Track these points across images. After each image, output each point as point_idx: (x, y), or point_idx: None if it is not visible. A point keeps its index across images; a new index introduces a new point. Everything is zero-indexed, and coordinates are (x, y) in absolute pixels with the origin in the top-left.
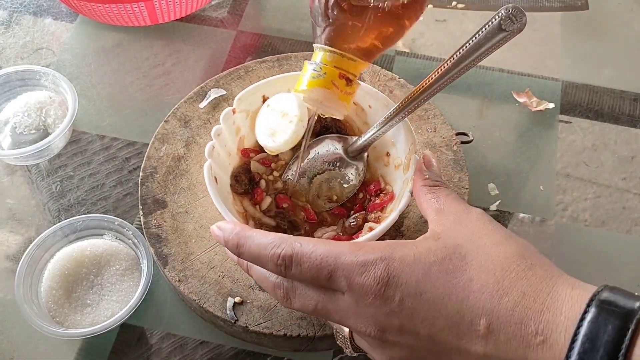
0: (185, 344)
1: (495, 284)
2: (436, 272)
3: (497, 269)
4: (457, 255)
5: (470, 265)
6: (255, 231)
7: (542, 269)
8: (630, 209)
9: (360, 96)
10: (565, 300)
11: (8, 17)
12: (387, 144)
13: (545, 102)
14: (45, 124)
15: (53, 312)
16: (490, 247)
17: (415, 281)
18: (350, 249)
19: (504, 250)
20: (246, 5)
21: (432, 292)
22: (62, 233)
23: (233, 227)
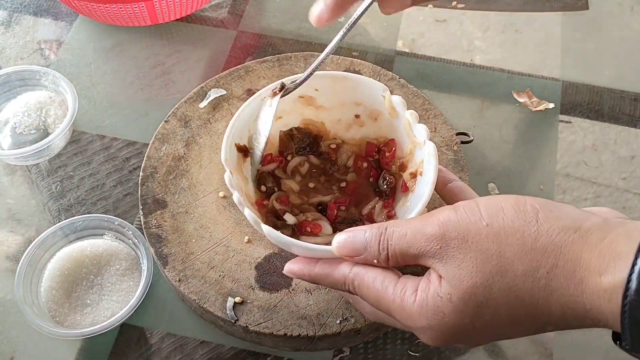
0: (185, 344)
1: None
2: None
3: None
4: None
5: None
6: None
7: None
8: (630, 209)
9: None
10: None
11: (8, 17)
12: (352, 107)
13: (545, 102)
14: (45, 124)
15: (53, 312)
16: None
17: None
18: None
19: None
20: (246, 5)
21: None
22: (62, 233)
23: (301, 269)
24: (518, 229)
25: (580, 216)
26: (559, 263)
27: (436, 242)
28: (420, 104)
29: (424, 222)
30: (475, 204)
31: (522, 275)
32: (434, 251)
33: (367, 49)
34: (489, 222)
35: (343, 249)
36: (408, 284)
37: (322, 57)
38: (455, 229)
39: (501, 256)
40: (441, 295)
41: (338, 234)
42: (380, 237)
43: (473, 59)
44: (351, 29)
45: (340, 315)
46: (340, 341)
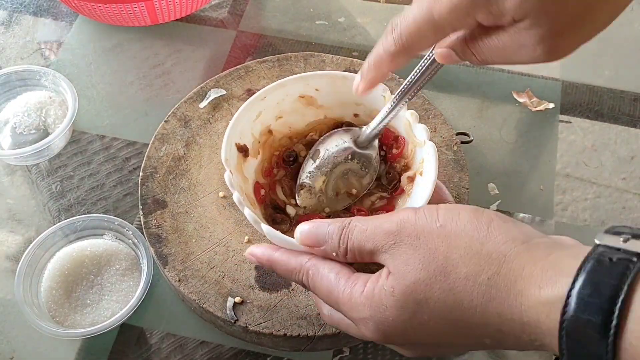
0: (185, 344)
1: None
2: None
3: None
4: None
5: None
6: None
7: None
8: (630, 209)
9: None
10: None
11: (8, 17)
12: (352, 107)
13: (545, 102)
14: (45, 124)
15: (53, 312)
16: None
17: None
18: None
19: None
20: (246, 5)
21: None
22: (62, 233)
23: (263, 253)
24: (467, 233)
25: (532, 233)
26: (501, 271)
27: (391, 237)
28: (420, 104)
29: (384, 219)
30: (436, 208)
31: (464, 279)
32: (388, 246)
33: (367, 49)
34: (442, 224)
35: (305, 238)
36: (360, 279)
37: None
38: (411, 227)
39: (447, 257)
40: (386, 288)
41: (302, 223)
42: (342, 230)
43: None
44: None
45: None
46: (340, 341)
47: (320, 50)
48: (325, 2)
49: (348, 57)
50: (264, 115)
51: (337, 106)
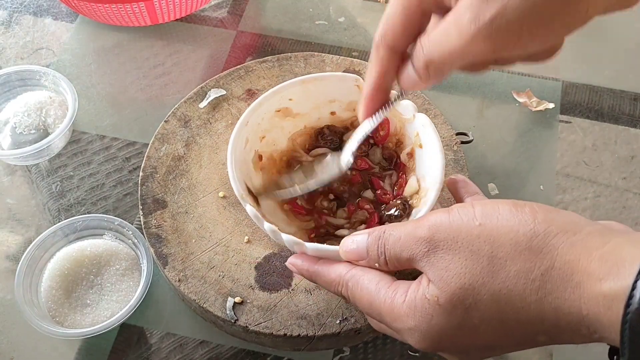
0: (185, 343)
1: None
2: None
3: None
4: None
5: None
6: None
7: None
8: (630, 209)
9: None
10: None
11: (8, 17)
12: (327, 105)
13: (545, 102)
14: (45, 124)
15: (53, 312)
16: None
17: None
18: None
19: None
20: (246, 5)
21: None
22: (62, 233)
23: (302, 264)
24: (512, 228)
25: (581, 221)
26: (555, 265)
27: (424, 244)
28: (420, 104)
29: (416, 224)
30: (471, 206)
31: (514, 277)
32: (422, 254)
33: (367, 49)
34: (482, 222)
35: (349, 254)
36: (400, 287)
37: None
38: (446, 231)
39: (493, 257)
40: (428, 297)
41: (344, 238)
42: (379, 241)
43: None
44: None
45: (340, 315)
46: (340, 341)
47: (320, 50)
48: (325, 2)
49: (348, 57)
50: (251, 142)
51: (312, 110)
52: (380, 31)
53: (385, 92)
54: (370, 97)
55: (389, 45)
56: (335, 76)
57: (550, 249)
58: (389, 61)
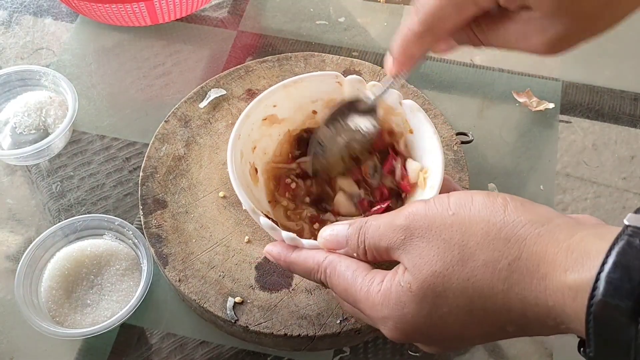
0: (185, 344)
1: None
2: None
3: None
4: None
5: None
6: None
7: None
8: (630, 209)
9: None
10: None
11: (8, 17)
12: (309, 105)
13: (545, 102)
14: (45, 124)
15: (53, 312)
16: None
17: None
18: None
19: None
20: (246, 5)
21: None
22: (62, 233)
23: (279, 252)
24: (483, 218)
25: (551, 213)
26: (522, 255)
27: (401, 232)
28: (421, 104)
29: (395, 214)
30: (447, 196)
31: (482, 266)
32: (400, 242)
33: (367, 49)
34: (455, 211)
35: (327, 242)
36: (377, 275)
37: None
38: (422, 219)
39: (464, 245)
40: (402, 284)
41: (323, 228)
42: (360, 230)
43: (473, 59)
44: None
45: (341, 315)
46: (340, 341)
47: (320, 50)
48: (325, 2)
49: (348, 57)
50: (245, 154)
51: (295, 113)
52: (428, 25)
53: (416, 58)
54: (405, 61)
55: (437, 37)
56: (315, 76)
57: (518, 239)
58: (432, 43)
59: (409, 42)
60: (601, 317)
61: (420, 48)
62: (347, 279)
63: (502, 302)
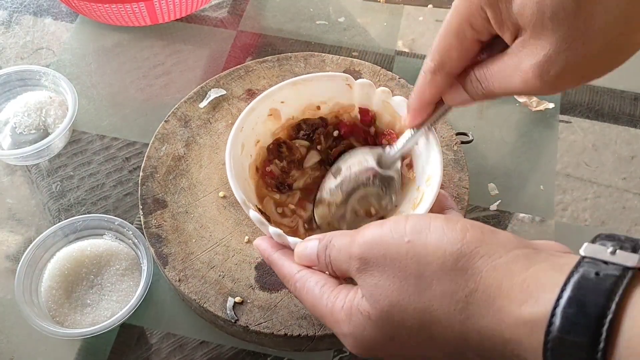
0: (185, 344)
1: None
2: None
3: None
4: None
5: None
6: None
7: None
8: (630, 209)
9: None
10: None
11: (8, 17)
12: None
13: (545, 102)
14: (45, 124)
15: (53, 312)
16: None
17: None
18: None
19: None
20: (246, 5)
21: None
22: (62, 233)
23: (265, 249)
24: (440, 247)
25: (510, 243)
26: (479, 288)
27: (356, 261)
28: None
29: (352, 240)
30: (404, 219)
31: (439, 296)
32: (355, 270)
33: (367, 49)
34: (411, 239)
35: (302, 259)
36: (342, 292)
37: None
38: (376, 247)
39: (419, 275)
40: (361, 310)
41: (299, 243)
42: (325, 250)
43: None
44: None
45: None
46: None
47: (320, 50)
48: (325, 2)
49: (348, 57)
50: (247, 147)
51: (302, 112)
52: (437, 61)
53: (432, 106)
54: (419, 109)
55: (448, 73)
56: (325, 76)
57: (475, 271)
58: (445, 84)
59: (424, 84)
60: (559, 354)
61: (434, 90)
62: (314, 295)
63: (459, 332)
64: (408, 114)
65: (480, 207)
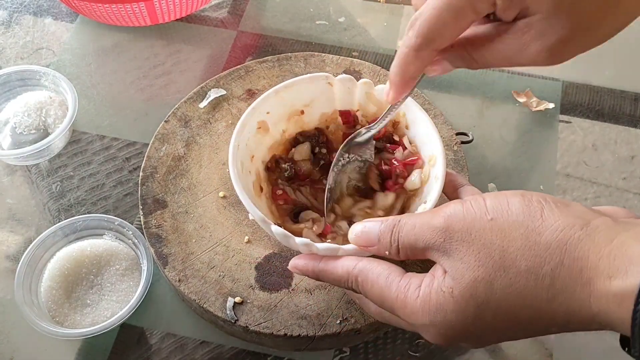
0: (185, 344)
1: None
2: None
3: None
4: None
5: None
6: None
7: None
8: (630, 209)
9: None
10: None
11: (8, 17)
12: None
13: (545, 102)
14: (45, 124)
15: (53, 312)
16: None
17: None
18: None
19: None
20: (246, 5)
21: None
22: (62, 233)
23: (305, 264)
24: (522, 223)
25: (587, 214)
26: (564, 261)
27: (440, 234)
28: (421, 104)
29: (432, 214)
30: (482, 198)
31: (525, 272)
32: (439, 244)
33: (367, 49)
34: (493, 217)
35: (358, 239)
36: (412, 280)
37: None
38: (460, 222)
39: (504, 251)
40: (444, 289)
41: (355, 224)
42: (393, 228)
43: None
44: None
45: (340, 315)
46: (340, 341)
47: (320, 50)
48: (325, 2)
49: (348, 57)
50: (245, 164)
51: (288, 120)
52: (425, 37)
53: (415, 80)
54: (403, 84)
55: (435, 49)
56: (305, 79)
57: (559, 244)
58: (430, 59)
59: (407, 61)
60: None
61: (419, 65)
62: (381, 287)
63: (546, 310)
64: (391, 90)
65: None
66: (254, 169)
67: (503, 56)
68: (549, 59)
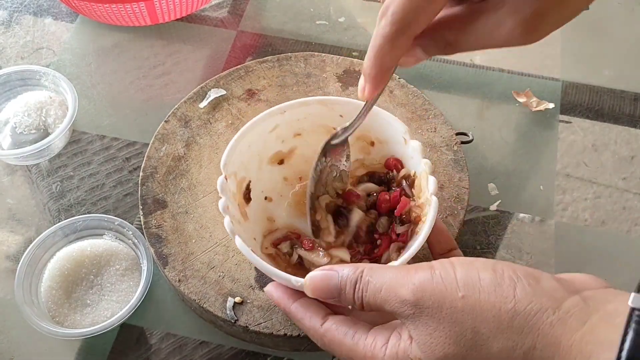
0: (185, 344)
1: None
2: None
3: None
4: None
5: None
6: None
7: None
8: (630, 209)
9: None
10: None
11: (8, 17)
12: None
13: (545, 102)
14: (45, 124)
15: (53, 312)
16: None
17: None
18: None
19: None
20: (246, 5)
21: None
22: (62, 233)
23: (279, 298)
24: (494, 305)
25: (558, 291)
26: (537, 345)
27: (409, 307)
28: (420, 104)
29: (399, 280)
30: (452, 267)
31: (497, 353)
32: (407, 315)
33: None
34: (465, 294)
35: (316, 290)
36: (378, 337)
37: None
38: (430, 297)
39: (476, 332)
40: (411, 357)
41: (311, 272)
42: (356, 285)
43: (473, 59)
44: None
45: None
46: None
47: (320, 50)
48: (325, 2)
49: (348, 57)
50: (256, 192)
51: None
52: (400, 24)
53: (391, 71)
54: (379, 78)
55: (411, 35)
56: (298, 103)
57: (532, 328)
58: (406, 47)
59: (383, 52)
60: None
61: (395, 55)
62: (349, 347)
63: None
64: (367, 84)
65: (480, 207)
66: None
67: (477, 35)
68: (524, 36)
